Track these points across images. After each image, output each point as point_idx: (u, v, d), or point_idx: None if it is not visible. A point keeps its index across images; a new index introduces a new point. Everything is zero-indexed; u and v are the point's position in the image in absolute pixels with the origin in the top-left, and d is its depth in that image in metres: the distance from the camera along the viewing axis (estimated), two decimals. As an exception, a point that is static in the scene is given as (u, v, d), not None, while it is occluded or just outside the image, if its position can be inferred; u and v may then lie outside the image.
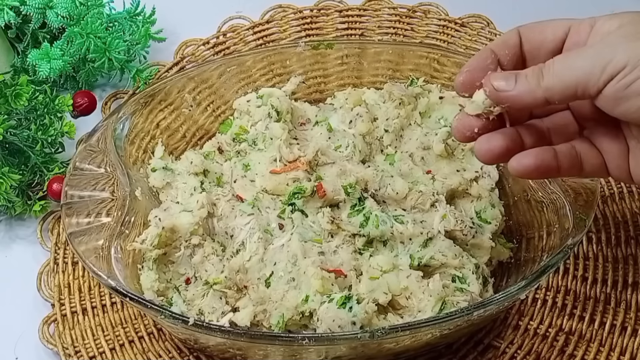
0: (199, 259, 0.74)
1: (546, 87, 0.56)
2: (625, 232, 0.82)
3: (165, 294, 0.73)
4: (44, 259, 0.83)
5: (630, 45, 0.54)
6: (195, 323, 0.63)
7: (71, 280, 0.81)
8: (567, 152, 0.61)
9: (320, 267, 0.70)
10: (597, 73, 0.54)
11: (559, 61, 0.56)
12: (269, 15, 1.00)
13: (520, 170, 0.60)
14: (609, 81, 0.54)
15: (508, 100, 0.58)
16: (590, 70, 0.54)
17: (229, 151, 0.83)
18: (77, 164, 0.74)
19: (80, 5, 0.88)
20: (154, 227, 0.73)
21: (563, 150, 0.61)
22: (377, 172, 0.77)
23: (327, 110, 0.85)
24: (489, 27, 0.97)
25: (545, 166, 0.60)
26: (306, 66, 0.86)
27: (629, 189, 0.85)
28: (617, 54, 0.54)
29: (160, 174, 0.79)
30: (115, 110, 0.78)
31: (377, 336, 0.62)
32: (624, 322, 0.77)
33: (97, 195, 0.74)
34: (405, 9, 0.99)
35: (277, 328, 0.70)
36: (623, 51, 0.54)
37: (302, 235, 0.74)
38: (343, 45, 0.86)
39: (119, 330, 0.78)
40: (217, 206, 0.77)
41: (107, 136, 0.76)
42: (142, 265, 0.73)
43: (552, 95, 0.56)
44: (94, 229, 0.72)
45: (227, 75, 0.84)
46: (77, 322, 0.79)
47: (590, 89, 0.55)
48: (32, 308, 0.80)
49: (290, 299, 0.69)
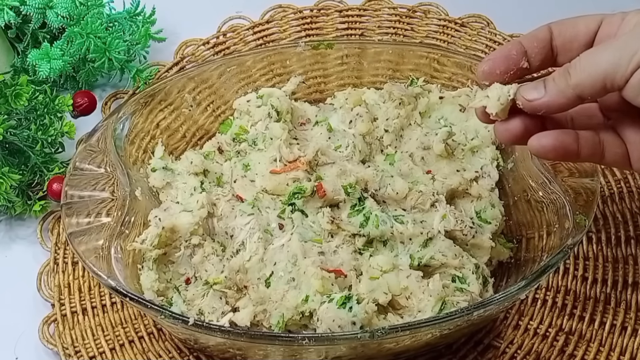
0: (199, 259, 0.74)
1: (575, 84, 0.56)
2: (625, 232, 0.82)
3: (165, 294, 0.73)
4: (44, 259, 0.83)
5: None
6: (195, 323, 0.63)
7: (71, 280, 0.81)
8: (589, 137, 0.61)
9: (320, 267, 0.70)
10: (624, 64, 0.54)
11: (585, 57, 0.56)
12: (269, 15, 1.00)
13: (538, 149, 0.59)
14: (635, 70, 0.54)
15: (542, 108, 0.58)
16: (617, 62, 0.54)
17: (229, 151, 0.83)
18: (77, 163, 0.75)
19: (80, 5, 0.88)
20: (154, 227, 0.73)
21: (585, 135, 0.60)
22: (377, 172, 0.77)
23: (327, 110, 0.85)
24: (489, 27, 0.97)
25: (564, 148, 0.59)
26: (306, 66, 0.86)
27: (629, 189, 0.85)
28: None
29: (160, 174, 0.79)
30: (115, 110, 0.78)
31: (377, 336, 0.62)
32: (624, 322, 0.77)
33: (97, 195, 0.74)
34: (405, 9, 0.99)
35: (277, 328, 0.70)
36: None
37: (302, 235, 0.74)
38: (343, 45, 0.86)
39: (119, 330, 0.78)
40: (217, 206, 0.77)
41: (107, 136, 0.76)
42: (142, 266, 0.73)
43: (583, 91, 0.56)
44: (94, 229, 0.72)
45: (227, 75, 0.84)
46: (77, 322, 0.79)
47: (617, 80, 0.54)
48: (32, 308, 0.80)
49: (290, 299, 0.69)
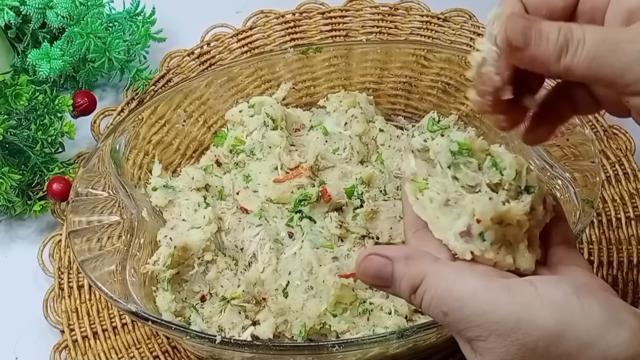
0: (213, 275, 0.73)
1: (566, 66, 0.47)
2: (625, 213, 0.84)
3: (183, 314, 0.73)
4: (48, 285, 0.82)
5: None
6: (222, 341, 0.63)
7: (78, 304, 0.80)
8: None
9: (338, 275, 0.70)
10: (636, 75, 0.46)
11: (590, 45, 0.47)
12: (251, 22, 0.99)
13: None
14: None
15: (516, 58, 0.48)
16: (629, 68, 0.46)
17: (228, 163, 0.83)
18: (78, 189, 0.74)
19: (80, 5, 0.88)
20: (165, 247, 0.72)
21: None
22: (382, 169, 0.78)
23: (321, 114, 0.85)
24: (472, 20, 0.98)
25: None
26: (294, 71, 0.86)
27: (624, 171, 0.87)
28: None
29: (162, 192, 0.78)
30: (110, 132, 0.77)
31: (406, 336, 0.62)
32: (634, 302, 0.79)
33: (103, 220, 0.73)
34: (387, 7, 0.99)
35: (299, 338, 0.70)
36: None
37: (313, 242, 0.74)
38: (331, 48, 0.86)
39: (133, 351, 0.78)
40: (224, 220, 0.77)
41: (105, 158, 0.75)
42: (156, 287, 0.72)
43: (569, 75, 0.48)
44: (105, 254, 0.71)
45: (215, 85, 0.84)
46: (89, 347, 0.78)
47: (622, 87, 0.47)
48: (32, 308, 0.80)
49: (311, 307, 0.70)
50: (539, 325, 0.46)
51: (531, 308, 0.46)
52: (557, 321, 0.46)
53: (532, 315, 0.46)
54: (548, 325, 0.46)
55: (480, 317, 0.47)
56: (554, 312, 0.46)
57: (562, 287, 0.47)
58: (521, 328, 0.46)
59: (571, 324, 0.46)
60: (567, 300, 0.47)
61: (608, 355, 0.46)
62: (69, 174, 0.84)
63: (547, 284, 0.48)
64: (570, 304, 0.46)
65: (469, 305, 0.47)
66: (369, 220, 0.75)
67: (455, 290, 0.48)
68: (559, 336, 0.46)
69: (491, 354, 0.47)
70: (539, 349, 0.46)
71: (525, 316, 0.46)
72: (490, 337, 0.47)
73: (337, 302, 0.70)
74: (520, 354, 0.46)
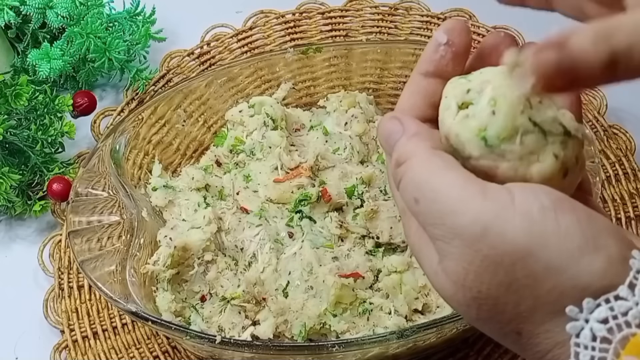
0: (213, 275, 0.73)
1: (613, 49, 0.37)
2: (625, 213, 0.84)
3: (182, 314, 0.73)
4: (48, 285, 0.82)
5: None
6: (222, 341, 0.63)
7: (78, 304, 0.80)
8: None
9: (338, 274, 0.71)
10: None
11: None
12: (251, 22, 0.99)
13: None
14: None
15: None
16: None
17: (227, 163, 0.83)
18: (78, 189, 0.74)
19: (80, 5, 0.88)
20: (165, 247, 0.73)
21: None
22: (382, 169, 0.78)
23: (321, 114, 0.85)
24: (472, 20, 0.98)
25: None
26: (294, 71, 0.86)
27: (624, 170, 0.87)
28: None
29: (162, 192, 0.78)
30: (110, 132, 0.77)
31: (406, 336, 0.62)
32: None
33: (103, 220, 0.73)
34: (387, 7, 0.99)
35: (299, 338, 0.70)
36: None
37: (313, 242, 0.74)
38: (331, 48, 0.86)
39: (133, 351, 0.78)
40: (224, 220, 0.77)
41: (105, 158, 0.75)
42: (156, 287, 0.73)
43: (617, 58, 0.38)
44: (105, 254, 0.71)
45: (215, 85, 0.84)
46: (89, 347, 0.78)
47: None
48: (32, 308, 0.80)
49: (311, 307, 0.70)
50: (507, 239, 0.40)
51: (501, 219, 0.41)
52: (527, 237, 0.40)
53: (500, 227, 0.40)
54: (516, 241, 0.40)
55: (447, 216, 0.42)
56: (525, 227, 0.40)
57: (540, 198, 0.41)
58: (487, 238, 0.41)
59: (542, 243, 0.40)
60: (543, 215, 0.40)
61: (578, 283, 0.40)
62: (69, 174, 0.85)
63: (525, 194, 0.41)
64: (545, 219, 0.40)
65: (440, 200, 0.42)
66: (369, 220, 0.75)
67: (434, 181, 0.43)
68: (527, 254, 0.40)
69: (453, 260, 0.42)
70: (503, 264, 0.41)
71: (494, 227, 0.41)
72: (454, 240, 0.42)
73: (337, 302, 0.70)
74: (484, 266, 0.41)
